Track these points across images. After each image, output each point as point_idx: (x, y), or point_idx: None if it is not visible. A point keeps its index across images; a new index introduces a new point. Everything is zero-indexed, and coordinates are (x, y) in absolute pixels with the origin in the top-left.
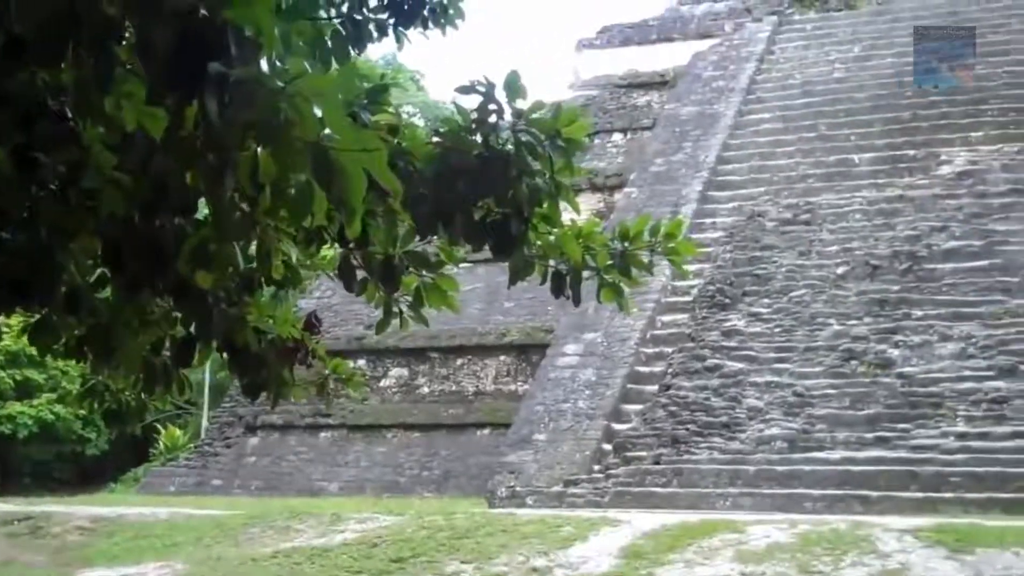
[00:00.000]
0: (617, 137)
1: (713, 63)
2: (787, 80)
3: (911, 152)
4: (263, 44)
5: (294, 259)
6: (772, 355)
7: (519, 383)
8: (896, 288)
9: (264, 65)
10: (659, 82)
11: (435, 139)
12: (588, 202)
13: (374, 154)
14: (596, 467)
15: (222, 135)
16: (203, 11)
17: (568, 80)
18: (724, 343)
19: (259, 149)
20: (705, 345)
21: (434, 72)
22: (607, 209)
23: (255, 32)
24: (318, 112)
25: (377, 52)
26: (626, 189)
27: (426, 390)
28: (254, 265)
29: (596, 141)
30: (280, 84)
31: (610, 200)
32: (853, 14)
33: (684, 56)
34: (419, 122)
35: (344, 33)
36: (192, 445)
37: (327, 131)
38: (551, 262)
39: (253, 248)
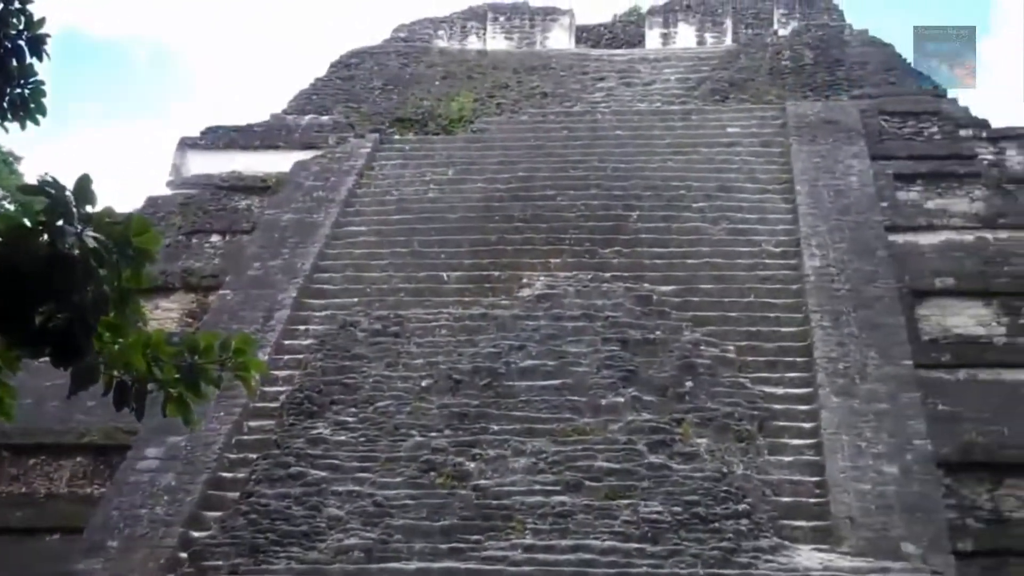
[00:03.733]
0: (215, 238)
1: (315, 173)
2: (384, 196)
3: (496, 273)
4: None
5: None
6: (355, 464)
7: (96, 486)
8: (476, 403)
9: None
10: (261, 187)
11: None
12: (181, 302)
13: None
14: None
15: None
16: None
17: (168, 177)
18: (309, 451)
19: None
20: (290, 452)
21: (36, 153)
22: (201, 310)
23: None
24: None
25: None
26: (221, 291)
27: None
28: None
29: (194, 240)
30: None
31: (204, 301)
32: (449, 139)
33: (287, 164)
34: (10, 207)
35: None
36: None
37: None
38: (116, 372)
39: None
